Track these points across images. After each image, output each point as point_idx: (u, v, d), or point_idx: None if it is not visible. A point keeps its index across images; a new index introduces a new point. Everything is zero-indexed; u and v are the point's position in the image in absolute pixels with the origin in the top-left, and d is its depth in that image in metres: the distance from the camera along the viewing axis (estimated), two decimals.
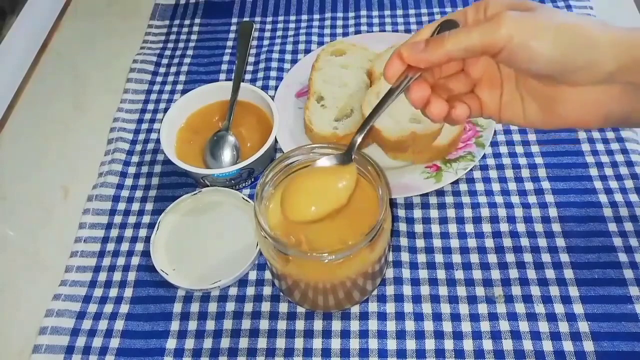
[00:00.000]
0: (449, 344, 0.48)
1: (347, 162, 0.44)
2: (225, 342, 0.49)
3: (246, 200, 0.55)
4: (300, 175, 0.46)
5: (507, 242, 0.53)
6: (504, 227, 0.54)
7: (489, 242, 0.53)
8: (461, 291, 0.50)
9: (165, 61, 0.73)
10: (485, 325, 0.48)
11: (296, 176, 0.46)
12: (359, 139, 0.43)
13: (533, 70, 0.35)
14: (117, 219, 0.58)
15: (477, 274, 0.51)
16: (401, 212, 0.56)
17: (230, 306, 0.51)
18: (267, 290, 0.52)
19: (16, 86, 0.70)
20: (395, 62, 0.38)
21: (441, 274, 0.52)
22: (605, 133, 0.60)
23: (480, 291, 0.50)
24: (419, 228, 0.55)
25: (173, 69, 0.72)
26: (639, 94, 0.35)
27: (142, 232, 0.57)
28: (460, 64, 0.40)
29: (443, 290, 0.51)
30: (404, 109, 0.57)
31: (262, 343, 0.49)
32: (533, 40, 0.34)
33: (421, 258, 0.53)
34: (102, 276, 0.54)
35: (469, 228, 0.54)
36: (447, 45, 0.35)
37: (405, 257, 0.53)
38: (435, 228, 0.55)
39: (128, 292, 0.53)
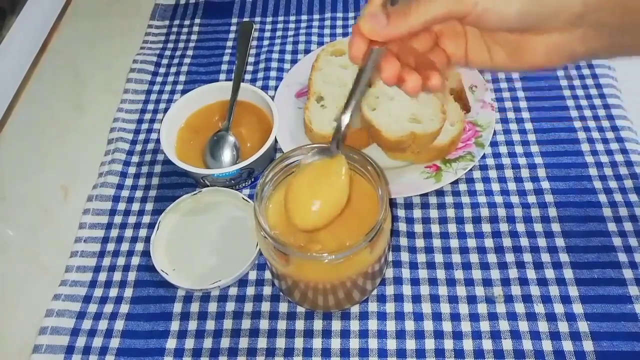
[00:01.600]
0: (448, 344, 0.48)
1: (334, 154, 0.43)
2: (225, 342, 0.49)
3: (246, 200, 0.55)
4: (296, 181, 0.45)
5: (507, 242, 0.53)
6: (503, 227, 0.54)
7: (489, 242, 0.53)
8: (461, 291, 0.51)
9: (165, 61, 0.73)
10: (485, 325, 0.48)
11: (292, 183, 0.45)
12: (346, 120, 0.41)
13: (501, 28, 0.35)
14: (117, 219, 0.58)
15: (476, 274, 0.51)
16: (401, 212, 0.56)
17: (230, 306, 0.51)
18: (267, 290, 0.52)
19: (16, 86, 0.70)
20: (358, 40, 0.37)
21: (441, 273, 0.52)
22: (605, 133, 0.60)
23: (479, 291, 0.50)
24: (418, 228, 0.55)
25: (173, 69, 0.72)
26: (604, 33, 0.35)
27: (142, 232, 0.57)
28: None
29: (443, 290, 0.51)
30: (403, 108, 0.57)
31: (262, 343, 0.49)
32: (499, 2, 0.33)
33: (421, 258, 0.53)
34: (102, 276, 0.54)
35: (469, 228, 0.54)
36: (411, 20, 0.34)
37: (405, 257, 0.53)
38: (435, 228, 0.55)
39: (128, 292, 0.53)
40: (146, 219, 0.58)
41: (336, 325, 0.49)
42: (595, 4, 0.34)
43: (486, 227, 0.54)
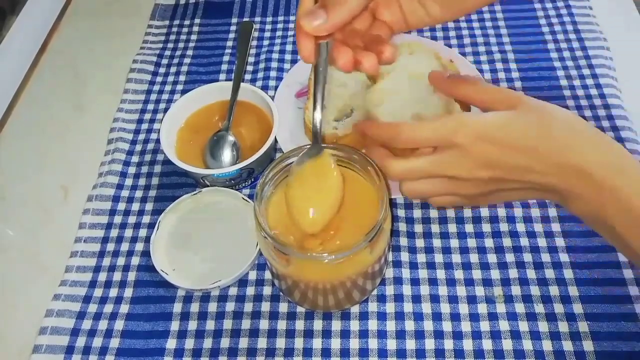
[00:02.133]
0: (448, 344, 0.48)
1: (320, 152, 0.45)
2: (225, 342, 0.49)
3: (246, 200, 0.55)
4: (293, 188, 0.45)
5: (507, 242, 0.53)
6: (503, 227, 0.54)
7: (489, 242, 0.53)
8: (461, 291, 0.50)
9: (165, 61, 0.73)
10: (485, 325, 0.48)
11: (290, 190, 0.45)
12: (318, 116, 0.43)
13: None
14: (117, 219, 0.58)
15: (476, 274, 0.51)
16: (401, 212, 0.56)
17: (230, 306, 0.51)
18: (267, 290, 0.52)
19: (16, 86, 0.70)
20: (304, 40, 0.38)
21: (441, 273, 0.52)
22: (605, 133, 0.60)
23: (480, 291, 0.50)
24: (418, 228, 0.55)
25: (173, 69, 0.72)
26: None
27: (142, 232, 0.57)
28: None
29: (443, 290, 0.51)
30: (406, 108, 0.57)
31: (262, 343, 0.49)
32: None
33: (421, 258, 0.53)
34: (102, 276, 0.54)
35: (469, 228, 0.54)
36: (349, 3, 0.36)
37: (405, 257, 0.53)
38: (435, 228, 0.55)
39: (128, 292, 0.53)
40: (146, 219, 0.58)
41: (336, 325, 0.49)
42: None
43: (486, 227, 0.54)
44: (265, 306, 0.51)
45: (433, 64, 0.57)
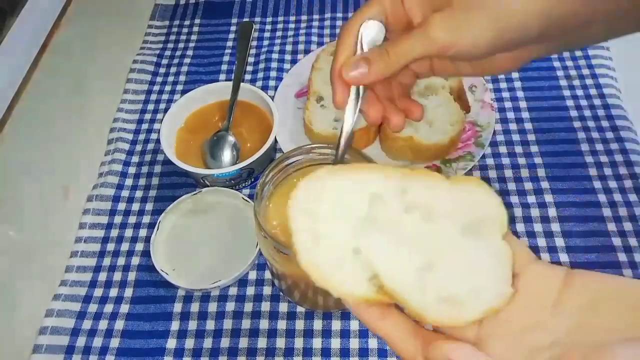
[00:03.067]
0: None
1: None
2: (225, 342, 0.49)
3: (246, 200, 0.55)
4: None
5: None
6: None
7: None
8: None
9: (165, 61, 0.73)
10: None
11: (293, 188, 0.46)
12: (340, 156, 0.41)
13: (472, 58, 0.37)
14: (117, 219, 0.58)
15: None
16: None
17: (230, 306, 0.51)
18: (267, 290, 0.52)
19: (16, 86, 0.70)
20: (340, 86, 0.38)
21: None
22: (604, 133, 0.60)
23: None
24: None
25: (173, 69, 0.72)
26: (559, 41, 0.38)
27: (142, 232, 0.57)
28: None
29: None
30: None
31: (262, 343, 0.49)
32: (469, 36, 0.35)
33: None
34: (102, 276, 0.54)
35: None
36: (392, 62, 0.36)
37: None
38: None
39: (128, 292, 0.53)
40: (146, 219, 0.58)
41: (336, 325, 0.49)
42: (549, 28, 0.36)
43: None
44: (265, 306, 0.51)
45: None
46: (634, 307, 0.26)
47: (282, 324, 0.50)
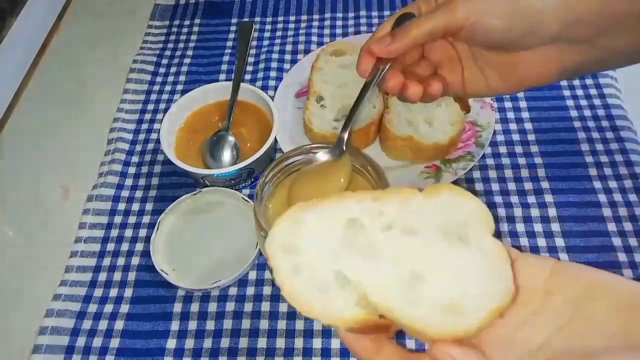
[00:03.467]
0: None
1: (340, 155, 0.46)
2: (225, 342, 0.49)
3: (246, 200, 0.55)
4: (299, 186, 0.46)
5: (507, 242, 0.53)
6: (503, 227, 0.54)
7: None
8: None
9: (165, 61, 0.73)
10: None
11: (296, 187, 0.46)
12: (345, 136, 0.45)
13: (489, 41, 0.40)
14: (117, 219, 0.58)
15: None
16: None
17: (230, 306, 0.51)
18: (267, 290, 0.52)
19: (16, 86, 0.70)
20: (366, 57, 0.42)
21: None
22: (604, 133, 0.60)
23: None
24: None
25: (173, 69, 0.72)
26: (584, 47, 0.40)
27: (142, 232, 0.57)
28: (420, 51, 0.44)
29: None
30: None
31: (262, 343, 0.49)
32: (486, 15, 0.38)
33: None
34: (102, 276, 0.54)
35: None
36: (413, 32, 0.39)
37: None
38: None
39: (128, 292, 0.53)
40: (146, 219, 0.58)
41: None
42: (569, 23, 0.38)
43: None
44: (265, 306, 0.51)
45: None
46: (625, 307, 0.25)
47: (282, 324, 0.50)
